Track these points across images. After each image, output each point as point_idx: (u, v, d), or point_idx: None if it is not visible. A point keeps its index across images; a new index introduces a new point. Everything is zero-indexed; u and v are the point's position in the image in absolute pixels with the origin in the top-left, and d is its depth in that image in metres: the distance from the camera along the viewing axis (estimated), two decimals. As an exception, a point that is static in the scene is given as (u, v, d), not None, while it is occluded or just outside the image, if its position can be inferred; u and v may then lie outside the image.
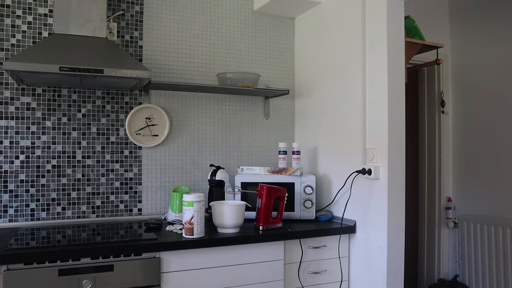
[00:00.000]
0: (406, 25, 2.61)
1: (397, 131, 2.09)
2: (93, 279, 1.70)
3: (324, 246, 2.19)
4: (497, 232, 2.91)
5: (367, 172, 2.13)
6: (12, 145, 2.17)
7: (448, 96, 3.30)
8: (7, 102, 2.17)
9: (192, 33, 2.58)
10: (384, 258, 2.05)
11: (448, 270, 3.27)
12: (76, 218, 2.28)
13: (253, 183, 2.32)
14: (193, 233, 1.90)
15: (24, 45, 2.19)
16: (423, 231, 3.35)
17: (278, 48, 2.84)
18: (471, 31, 3.18)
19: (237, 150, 2.69)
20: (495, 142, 2.98)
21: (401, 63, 2.12)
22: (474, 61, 3.15)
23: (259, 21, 2.78)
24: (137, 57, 2.43)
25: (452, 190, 3.29)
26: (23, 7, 2.20)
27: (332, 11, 2.50)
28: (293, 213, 2.36)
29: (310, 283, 2.16)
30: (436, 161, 3.28)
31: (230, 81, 2.49)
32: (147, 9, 2.46)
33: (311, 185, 2.36)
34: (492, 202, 2.98)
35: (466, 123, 3.21)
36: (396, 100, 2.09)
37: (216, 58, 2.65)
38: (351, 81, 2.31)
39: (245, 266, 2.00)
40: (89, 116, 2.32)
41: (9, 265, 1.61)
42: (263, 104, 2.79)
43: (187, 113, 2.56)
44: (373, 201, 2.13)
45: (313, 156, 2.64)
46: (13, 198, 2.17)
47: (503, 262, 2.86)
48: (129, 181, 2.40)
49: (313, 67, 2.68)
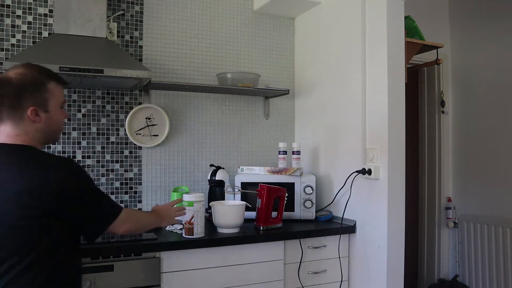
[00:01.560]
0: (406, 25, 2.60)
1: (397, 131, 2.09)
2: (93, 279, 1.70)
3: (324, 246, 2.19)
4: (497, 232, 2.91)
5: (367, 172, 2.13)
6: (12, 145, 2.17)
7: (448, 96, 3.30)
8: (7, 102, 2.16)
9: (192, 33, 2.58)
10: (384, 258, 2.05)
11: (448, 270, 3.26)
12: (76, 218, 2.27)
13: (253, 183, 2.32)
14: (193, 233, 1.90)
15: (24, 45, 2.19)
16: (423, 231, 3.35)
17: (278, 48, 2.84)
18: (471, 31, 3.18)
19: (237, 150, 2.69)
20: (495, 142, 2.97)
21: (401, 63, 2.12)
22: (474, 61, 3.15)
23: (259, 21, 2.78)
24: (137, 57, 2.43)
25: (452, 190, 3.29)
26: (23, 7, 2.20)
27: (332, 11, 2.50)
28: (293, 213, 2.35)
29: (310, 283, 2.16)
30: (436, 161, 3.28)
31: (230, 81, 2.49)
32: (147, 9, 2.46)
33: (311, 185, 2.36)
34: (492, 202, 2.98)
35: (466, 123, 3.21)
36: (396, 100, 2.09)
37: (216, 58, 2.64)
38: (351, 81, 2.30)
39: (245, 266, 2.00)
40: (89, 116, 2.32)
41: (9, 265, 1.61)
42: (263, 104, 2.78)
43: (187, 113, 2.56)
44: (373, 201, 2.13)
45: (313, 156, 2.64)
46: (13, 198, 2.16)
47: (503, 262, 2.86)
48: (129, 181, 2.40)
49: (313, 67, 2.68)
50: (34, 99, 1.32)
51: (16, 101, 1.30)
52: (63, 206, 1.25)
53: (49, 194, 1.23)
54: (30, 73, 1.34)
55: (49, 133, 1.39)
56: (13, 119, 1.31)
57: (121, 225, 1.40)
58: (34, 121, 1.33)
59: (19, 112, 1.31)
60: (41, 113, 1.34)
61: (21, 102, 1.30)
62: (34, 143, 1.34)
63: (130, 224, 1.45)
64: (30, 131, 1.33)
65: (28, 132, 1.33)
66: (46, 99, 1.35)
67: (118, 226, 1.39)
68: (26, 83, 1.31)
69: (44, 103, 1.34)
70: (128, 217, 1.43)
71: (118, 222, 1.38)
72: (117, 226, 1.39)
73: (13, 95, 1.30)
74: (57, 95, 1.39)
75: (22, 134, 1.32)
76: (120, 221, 1.39)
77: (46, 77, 1.36)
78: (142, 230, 1.68)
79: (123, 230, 1.42)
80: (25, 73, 1.33)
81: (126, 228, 1.42)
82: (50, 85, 1.36)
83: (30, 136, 1.33)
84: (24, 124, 1.32)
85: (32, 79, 1.33)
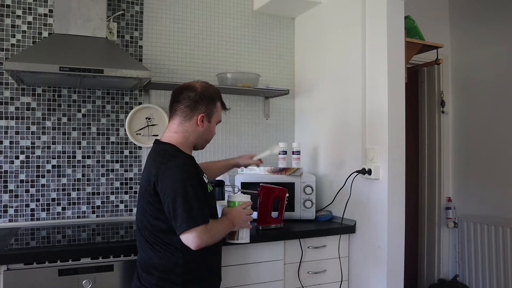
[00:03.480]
0: (406, 25, 2.59)
1: (397, 131, 2.09)
2: (93, 279, 1.70)
3: (324, 246, 2.19)
4: (497, 232, 2.91)
5: (367, 172, 2.13)
6: (12, 145, 2.17)
7: (448, 96, 3.30)
8: (7, 102, 2.17)
9: (192, 33, 2.58)
10: (384, 258, 2.05)
11: (448, 270, 3.26)
12: (76, 218, 2.28)
13: (253, 183, 2.32)
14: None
15: (24, 45, 2.19)
16: (423, 231, 3.35)
17: (278, 48, 2.84)
18: (471, 31, 3.18)
19: (237, 150, 2.69)
20: (495, 142, 2.97)
21: (401, 63, 2.12)
22: (474, 61, 3.15)
23: (259, 21, 2.78)
24: (137, 57, 2.43)
25: (452, 190, 3.29)
26: (23, 7, 2.20)
27: (332, 11, 2.50)
28: (293, 213, 2.35)
29: (310, 283, 2.16)
30: (436, 161, 3.28)
31: (230, 81, 2.49)
32: (147, 9, 2.46)
33: (311, 185, 2.36)
34: (492, 202, 2.98)
35: (466, 123, 3.21)
36: (396, 100, 2.09)
37: (216, 58, 2.65)
38: (351, 81, 2.30)
39: (245, 266, 2.00)
40: (89, 116, 2.32)
41: (9, 265, 1.61)
42: (263, 104, 2.78)
43: (187, 113, 2.56)
44: (373, 201, 2.13)
45: (313, 156, 2.64)
46: (13, 198, 2.17)
47: (503, 262, 2.86)
48: (129, 181, 2.40)
49: (313, 67, 2.68)
50: (206, 108, 1.60)
51: (193, 104, 1.58)
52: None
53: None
54: (211, 88, 1.65)
55: (202, 140, 1.65)
56: (184, 117, 1.58)
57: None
58: (198, 125, 1.59)
59: (190, 114, 1.58)
60: (205, 121, 1.61)
61: (196, 106, 1.58)
62: (184, 142, 1.59)
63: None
64: (190, 131, 1.59)
65: (187, 131, 1.59)
66: (212, 112, 1.63)
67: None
68: (207, 94, 1.61)
69: (210, 114, 1.62)
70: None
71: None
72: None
73: (193, 99, 1.58)
74: (219, 113, 1.68)
75: (181, 131, 1.59)
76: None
77: (218, 96, 1.66)
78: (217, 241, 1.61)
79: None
80: (208, 87, 1.64)
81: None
82: (218, 103, 1.66)
83: (187, 135, 1.59)
84: (188, 125, 1.59)
85: (212, 93, 1.63)
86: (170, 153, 1.52)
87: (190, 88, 1.61)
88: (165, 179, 1.45)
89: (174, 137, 1.58)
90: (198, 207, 1.45)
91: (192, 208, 1.43)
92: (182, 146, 1.58)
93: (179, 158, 1.50)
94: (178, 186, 1.43)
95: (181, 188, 1.43)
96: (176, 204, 1.43)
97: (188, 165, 1.50)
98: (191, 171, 1.49)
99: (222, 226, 1.60)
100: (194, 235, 1.43)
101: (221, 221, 1.63)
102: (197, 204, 1.45)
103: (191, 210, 1.43)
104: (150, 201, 1.50)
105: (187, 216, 1.42)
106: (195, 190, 1.46)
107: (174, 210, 1.43)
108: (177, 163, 1.47)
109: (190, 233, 1.43)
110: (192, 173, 1.50)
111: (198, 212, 1.44)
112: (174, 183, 1.44)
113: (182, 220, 1.42)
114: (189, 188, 1.44)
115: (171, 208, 1.43)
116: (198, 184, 1.51)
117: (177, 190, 1.43)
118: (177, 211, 1.43)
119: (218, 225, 1.57)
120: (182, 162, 1.48)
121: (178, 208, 1.42)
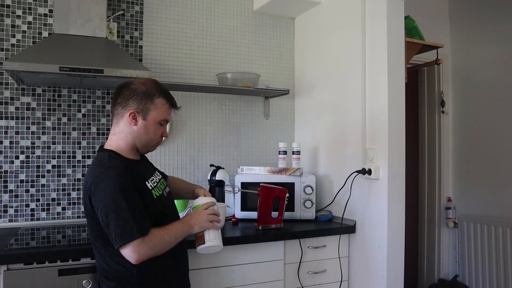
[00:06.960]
0: (406, 25, 2.59)
1: (397, 131, 2.09)
2: (93, 279, 1.70)
3: (324, 246, 2.19)
4: (497, 232, 2.91)
5: (367, 172, 2.13)
6: (12, 145, 2.17)
7: (448, 96, 3.30)
8: (7, 102, 2.17)
9: (192, 33, 2.58)
10: (384, 258, 2.05)
11: (448, 270, 3.26)
12: (76, 218, 2.28)
13: (253, 183, 2.32)
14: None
15: (24, 45, 2.19)
16: (423, 231, 3.35)
17: (278, 48, 2.84)
18: (471, 31, 3.18)
19: (237, 150, 2.69)
20: (495, 142, 2.97)
21: (401, 63, 2.12)
22: (474, 61, 3.15)
23: (259, 21, 2.78)
24: (137, 57, 2.43)
25: (452, 190, 3.29)
26: (23, 7, 2.20)
27: (332, 11, 2.50)
28: (293, 213, 2.35)
29: (310, 283, 2.16)
30: (436, 161, 3.28)
31: (230, 81, 2.49)
32: (147, 9, 2.46)
33: (311, 185, 2.36)
34: (492, 202, 2.98)
35: (466, 123, 3.21)
36: (396, 100, 2.09)
37: (216, 58, 2.65)
38: (351, 81, 2.30)
39: (245, 266, 2.00)
40: (89, 116, 2.32)
41: (9, 265, 1.61)
42: (263, 104, 2.78)
43: (187, 113, 2.56)
44: (373, 201, 2.13)
45: (313, 156, 2.64)
46: (13, 198, 2.17)
47: (503, 262, 2.86)
48: (129, 181, 2.39)
49: (313, 67, 2.68)
50: (138, 104, 1.48)
51: (124, 101, 1.48)
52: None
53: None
54: (150, 84, 1.51)
55: (140, 141, 1.52)
56: (118, 116, 1.50)
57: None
58: (130, 124, 1.49)
59: (121, 111, 1.49)
60: (140, 119, 1.49)
61: (127, 103, 1.48)
62: (124, 144, 1.50)
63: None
64: (125, 131, 1.49)
65: (122, 132, 1.50)
66: (148, 109, 1.49)
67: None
68: (140, 90, 1.49)
69: (145, 111, 1.49)
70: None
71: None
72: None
73: (125, 96, 1.48)
74: (160, 111, 1.52)
75: (117, 133, 1.50)
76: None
77: (158, 92, 1.51)
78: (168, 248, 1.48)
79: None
80: (145, 82, 1.52)
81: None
82: (158, 100, 1.51)
83: (123, 136, 1.50)
84: (122, 124, 1.49)
85: (148, 89, 1.50)
86: (104, 164, 1.43)
87: (126, 85, 1.51)
88: (97, 193, 1.37)
89: (114, 140, 1.50)
90: (132, 221, 1.35)
91: (126, 222, 1.34)
92: (124, 150, 1.50)
93: (111, 170, 1.40)
94: (109, 200, 1.35)
95: (113, 202, 1.35)
96: (108, 219, 1.35)
97: (122, 176, 1.40)
98: (126, 182, 1.39)
99: (171, 232, 1.46)
100: (130, 249, 1.35)
101: (172, 227, 1.48)
102: (131, 217, 1.35)
103: (125, 224, 1.34)
104: (91, 215, 1.43)
105: (121, 231, 1.34)
106: (129, 203, 1.36)
107: (108, 226, 1.36)
108: (109, 175, 1.38)
109: (126, 248, 1.35)
110: (127, 183, 1.40)
111: (133, 225, 1.35)
112: (105, 197, 1.36)
113: (116, 236, 1.35)
114: (121, 202, 1.35)
115: (105, 223, 1.36)
116: (135, 194, 1.41)
117: (109, 204, 1.35)
118: (110, 226, 1.35)
119: (163, 232, 1.43)
120: (115, 173, 1.39)
121: (111, 223, 1.35)
